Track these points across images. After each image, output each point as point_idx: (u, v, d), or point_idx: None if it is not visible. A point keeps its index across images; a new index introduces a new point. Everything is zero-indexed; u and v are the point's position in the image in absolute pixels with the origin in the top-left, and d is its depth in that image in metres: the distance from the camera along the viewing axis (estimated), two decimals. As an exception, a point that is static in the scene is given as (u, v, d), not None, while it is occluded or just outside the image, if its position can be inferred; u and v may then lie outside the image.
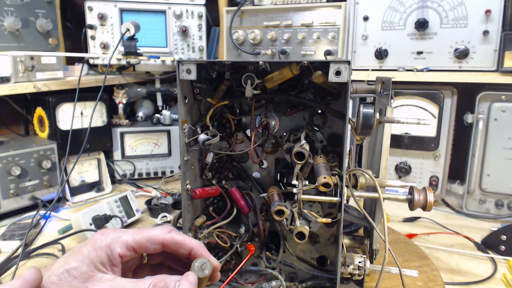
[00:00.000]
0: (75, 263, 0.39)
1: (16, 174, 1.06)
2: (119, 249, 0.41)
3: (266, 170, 0.70)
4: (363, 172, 0.63)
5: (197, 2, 1.39)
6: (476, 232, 1.03)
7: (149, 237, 0.42)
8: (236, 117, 0.67)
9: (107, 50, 1.34)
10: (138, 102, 1.54)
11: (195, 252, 0.43)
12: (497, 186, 1.11)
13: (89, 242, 0.41)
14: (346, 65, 0.53)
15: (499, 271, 0.85)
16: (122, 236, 0.42)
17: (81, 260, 0.39)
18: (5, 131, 1.41)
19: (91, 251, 0.40)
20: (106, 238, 0.41)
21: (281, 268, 0.70)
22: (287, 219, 0.61)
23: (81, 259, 0.39)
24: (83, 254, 0.40)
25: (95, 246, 0.40)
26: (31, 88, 1.11)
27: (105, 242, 0.41)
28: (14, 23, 1.15)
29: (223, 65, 0.60)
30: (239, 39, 1.37)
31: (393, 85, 0.64)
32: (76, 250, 0.41)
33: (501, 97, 1.08)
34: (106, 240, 0.41)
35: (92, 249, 0.40)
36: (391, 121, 0.62)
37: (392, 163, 1.23)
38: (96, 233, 0.42)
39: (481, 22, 1.06)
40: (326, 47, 1.28)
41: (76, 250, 0.41)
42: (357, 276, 0.64)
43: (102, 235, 0.41)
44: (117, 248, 0.41)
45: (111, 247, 0.41)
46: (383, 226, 0.58)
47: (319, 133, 0.65)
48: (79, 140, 1.20)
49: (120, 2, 1.33)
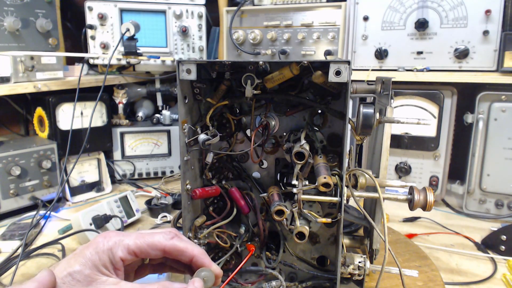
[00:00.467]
0: (78, 266, 0.39)
1: (16, 174, 1.06)
2: (120, 253, 0.41)
3: (266, 170, 0.70)
4: (363, 172, 0.63)
5: (197, 2, 1.39)
6: (476, 232, 1.03)
7: (151, 243, 0.42)
8: (236, 117, 0.67)
9: (107, 50, 1.34)
10: (138, 102, 1.54)
11: (196, 260, 0.43)
12: (497, 186, 1.11)
13: (91, 245, 0.41)
14: (346, 65, 0.53)
15: (499, 271, 0.85)
16: (124, 240, 0.42)
17: (84, 263, 0.39)
18: (5, 131, 1.41)
19: (93, 254, 0.40)
20: (108, 241, 0.41)
21: (281, 268, 0.70)
22: (287, 219, 0.61)
23: (84, 262, 0.39)
24: (85, 257, 0.40)
25: (97, 249, 0.40)
26: (31, 88, 1.11)
27: (107, 245, 0.41)
28: (14, 23, 1.15)
29: (223, 65, 0.60)
30: (239, 39, 1.37)
31: (393, 85, 0.64)
32: (78, 253, 0.41)
33: (501, 97, 1.08)
34: (108, 243, 0.41)
35: (95, 252, 0.40)
36: (391, 121, 0.62)
37: (392, 163, 1.23)
38: (98, 236, 0.42)
39: (481, 22, 1.06)
40: (326, 47, 1.28)
41: (79, 252, 0.41)
42: (357, 276, 0.64)
43: (104, 238, 0.41)
44: (119, 252, 0.41)
45: (113, 251, 0.41)
46: (383, 226, 0.58)
47: (319, 133, 0.65)
48: (79, 140, 1.20)
49: (120, 2, 1.33)
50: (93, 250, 0.40)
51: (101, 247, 0.40)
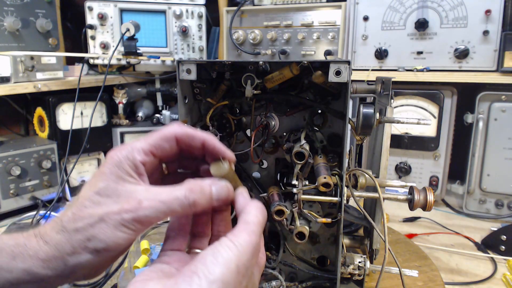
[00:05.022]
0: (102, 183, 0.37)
1: (16, 174, 1.06)
2: (138, 157, 0.38)
3: (266, 170, 0.70)
4: (363, 172, 0.63)
5: (197, 2, 1.39)
6: (476, 232, 1.03)
7: (162, 134, 0.40)
8: (236, 117, 0.67)
9: (107, 50, 1.34)
10: (138, 102, 1.54)
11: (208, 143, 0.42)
12: (497, 186, 1.11)
13: (105, 162, 0.38)
14: (346, 65, 0.53)
15: (499, 271, 0.85)
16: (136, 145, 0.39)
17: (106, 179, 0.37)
18: (5, 131, 1.41)
19: (112, 168, 0.37)
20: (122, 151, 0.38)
21: (281, 268, 0.69)
22: (287, 219, 0.61)
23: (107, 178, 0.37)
24: (106, 173, 0.37)
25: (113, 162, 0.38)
26: (31, 88, 1.11)
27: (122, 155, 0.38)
28: (14, 23, 1.15)
29: (223, 65, 0.60)
30: (239, 39, 1.37)
31: (393, 85, 0.64)
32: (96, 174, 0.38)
33: (501, 97, 1.08)
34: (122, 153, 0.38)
35: (113, 166, 0.37)
36: (391, 121, 0.62)
37: (392, 163, 1.23)
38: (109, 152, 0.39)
39: (481, 22, 1.07)
40: (326, 47, 1.28)
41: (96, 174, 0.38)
42: (357, 276, 0.64)
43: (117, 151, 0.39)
44: (136, 157, 0.38)
45: (131, 158, 0.38)
46: (383, 226, 0.58)
47: (319, 133, 0.65)
48: (79, 140, 1.20)
49: (120, 2, 1.33)
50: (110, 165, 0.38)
51: (117, 159, 0.38)
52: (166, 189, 0.37)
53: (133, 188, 0.37)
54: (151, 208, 0.35)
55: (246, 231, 0.35)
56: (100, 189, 0.36)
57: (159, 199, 0.36)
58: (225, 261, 0.32)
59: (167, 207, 0.36)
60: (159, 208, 0.36)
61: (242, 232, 0.35)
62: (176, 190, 0.37)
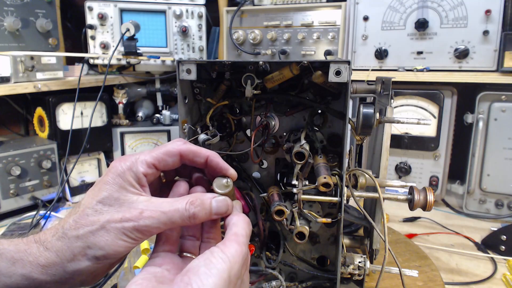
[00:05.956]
0: (105, 193, 0.37)
1: (16, 174, 1.06)
2: (141, 169, 0.39)
3: (266, 170, 0.70)
4: (363, 172, 0.63)
5: (197, 2, 1.39)
6: (476, 232, 1.03)
7: (166, 150, 0.41)
8: (236, 117, 0.67)
9: (107, 50, 1.34)
10: (138, 102, 1.54)
11: (211, 159, 0.43)
12: (497, 186, 1.11)
13: (109, 172, 0.39)
14: (346, 65, 0.53)
15: (499, 271, 0.85)
16: (140, 156, 0.40)
17: (110, 189, 0.38)
18: (5, 131, 1.41)
19: (116, 178, 0.38)
20: (125, 162, 0.40)
21: (281, 268, 0.69)
22: (287, 219, 0.61)
23: (110, 188, 0.38)
24: (109, 183, 0.38)
25: (117, 172, 0.39)
26: (31, 88, 1.11)
27: (125, 166, 0.39)
28: (14, 23, 1.15)
29: (223, 65, 0.60)
30: (239, 39, 1.37)
31: (393, 85, 0.64)
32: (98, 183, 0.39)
33: (501, 97, 1.08)
34: (126, 163, 0.39)
35: (116, 176, 0.38)
36: (391, 121, 0.62)
37: (392, 163, 1.23)
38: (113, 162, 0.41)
39: (481, 22, 1.06)
40: (326, 47, 1.28)
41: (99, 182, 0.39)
42: (357, 276, 0.64)
43: (120, 161, 0.40)
44: (139, 168, 0.39)
45: (134, 169, 0.39)
46: (383, 226, 0.58)
47: (319, 133, 0.65)
48: (79, 140, 1.20)
49: (120, 2, 1.33)
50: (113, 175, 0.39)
51: (121, 170, 0.39)
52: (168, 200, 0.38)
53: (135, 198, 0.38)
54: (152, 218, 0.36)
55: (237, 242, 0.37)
56: (103, 198, 0.37)
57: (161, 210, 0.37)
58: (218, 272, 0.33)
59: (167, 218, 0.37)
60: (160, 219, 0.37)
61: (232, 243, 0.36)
62: (178, 202, 0.38)
